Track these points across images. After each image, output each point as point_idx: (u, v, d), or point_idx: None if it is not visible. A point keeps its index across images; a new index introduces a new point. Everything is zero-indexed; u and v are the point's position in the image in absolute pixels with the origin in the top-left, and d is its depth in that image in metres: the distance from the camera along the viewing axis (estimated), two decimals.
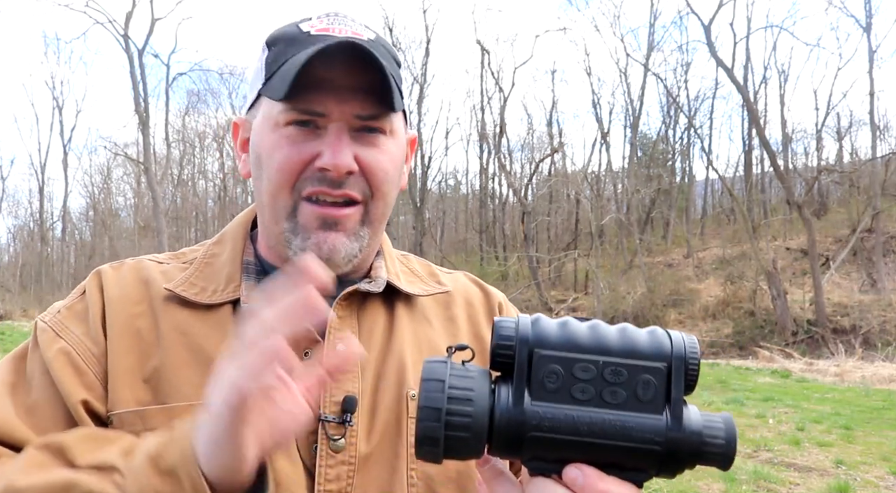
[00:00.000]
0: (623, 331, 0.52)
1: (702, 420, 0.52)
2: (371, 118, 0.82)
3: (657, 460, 0.50)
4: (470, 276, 1.06)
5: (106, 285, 0.86)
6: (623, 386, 0.50)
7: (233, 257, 0.89)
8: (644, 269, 22.35)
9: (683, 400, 0.51)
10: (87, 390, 0.79)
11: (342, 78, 0.80)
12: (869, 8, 23.07)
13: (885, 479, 5.96)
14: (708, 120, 31.01)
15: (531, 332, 0.52)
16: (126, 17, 26.03)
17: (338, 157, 0.80)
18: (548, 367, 0.51)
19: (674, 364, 0.51)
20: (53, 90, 42.66)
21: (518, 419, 0.50)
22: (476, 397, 0.50)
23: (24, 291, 37.14)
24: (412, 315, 0.92)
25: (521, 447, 0.51)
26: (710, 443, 0.51)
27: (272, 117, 0.82)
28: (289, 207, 0.83)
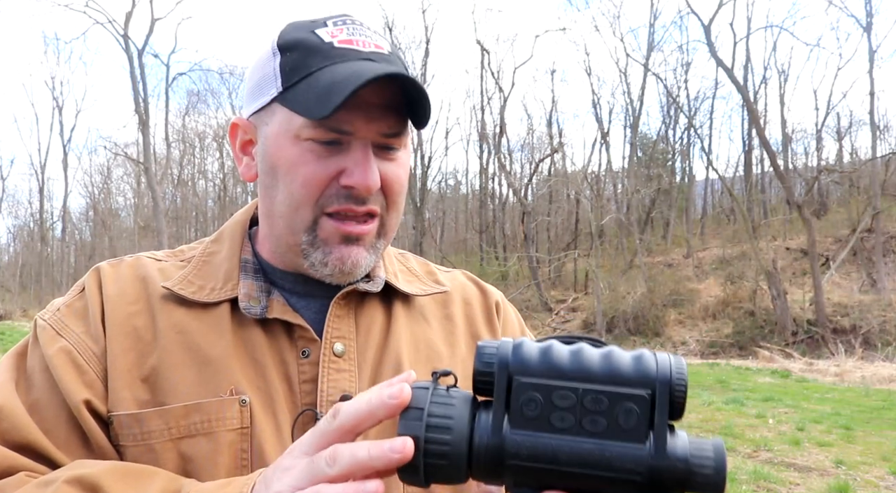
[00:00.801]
0: (608, 356, 0.51)
1: (689, 447, 0.50)
2: (394, 136, 0.83)
3: (639, 489, 0.49)
4: (468, 274, 1.06)
5: (104, 283, 0.86)
6: (604, 414, 0.49)
7: (230, 256, 0.89)
8: (644, 269, 22.34)
9: (670, 426, 0.50)
10: (89, 388, 0.78)
11: (372, 97, 0.79)
12: (869, 8, 23.01)
13: (885, 479, 5.96)
14: (708, 120, 31.00)
15: (511, 357, 0.51)
16: (126, 17, 26.05)
17: (368, 177, 0.80)
18: (527, 394, 0.50)
19: (658, 390, 0.49)
20: (53, 90, 42.77)
21: (496, 447, 0.50)
22: (455, 424, 0.51)
23: (24, 291, 37.16)
24: (410, 315, 0.92)
25: (501, 475, 0.51)
26: (696, 472, 0.49)
27: (292, 129, 0.81)
28: (308, 221, 0.83)
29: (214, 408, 0.79)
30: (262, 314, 0.84)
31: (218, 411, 0.79)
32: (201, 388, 0.80)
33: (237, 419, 0.79)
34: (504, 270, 26.16)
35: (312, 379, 0.82)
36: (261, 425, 0.79)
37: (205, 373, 0.80)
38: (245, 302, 0.84)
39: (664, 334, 19.01)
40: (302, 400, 0.82)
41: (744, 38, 24.93)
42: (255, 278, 0.88)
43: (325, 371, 0.82)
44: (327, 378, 0.82)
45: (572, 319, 22.06)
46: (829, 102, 31.86)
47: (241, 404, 0.79)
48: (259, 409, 0.80)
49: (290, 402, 0.81)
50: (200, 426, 0.78)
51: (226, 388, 0.80)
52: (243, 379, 0.81)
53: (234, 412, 0.79)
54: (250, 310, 0.84)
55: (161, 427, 0.78)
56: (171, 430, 0.78)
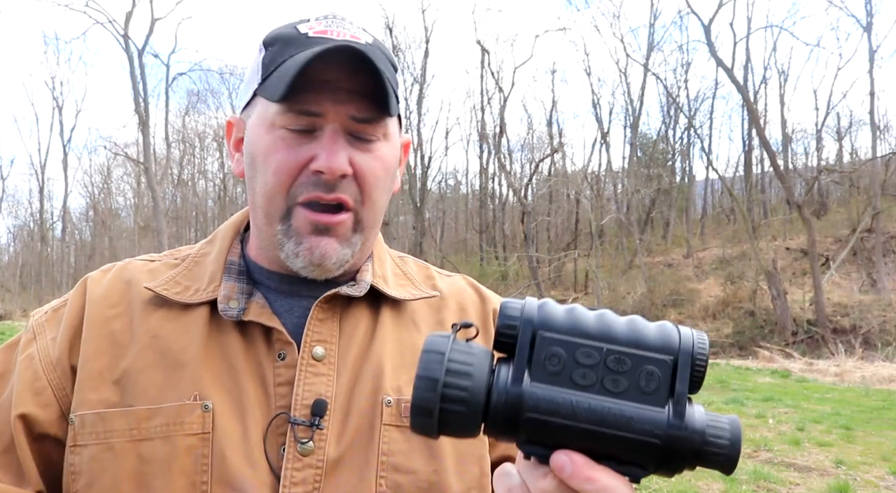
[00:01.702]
0: (631, 322, 0.51)
1: (706, 419, 0.50)
2: (366, 121, 0.82)
3: (656, 455, 0.49)
4: (469, 280, 1.04)
5: (90, 289, 0.88)
6: (626, 375, 0.49)
7: (218, 257, 0.89)
8: (644, 269, 22.34)
9: (688, 397, 0.50)
10: (35, 395, 0.81)
11: (339, 80, 0.80)
12: (869, 8, 22.99)
13: (885, 479, 5.96)
14: (708, 120, 31.03)
15: (537, 314, 0.51)
16: (126, 17, 26.04)
17: (333, 159, 0.79)
18: (550, 349, 0.50)
19: (680, 359, 0.49)
20: (53, 90, 42.76)
21: (515, 399, 0.49)
22: (475, 372, 0.49)
23: (24, 291, 37.15)
24: (398, 320, 0.91)
25: (516, 429, 0.50)
26: (712, 443, 0.49)
27: (268, 118, 0.82)
28: (283, 211, 0.83)
29: (174, 412, 0.78)
30: (238, 316, 0.83)
31: (177, 415, 0.78)
32: (167, 392, 0.80)
33: (198, 424, 0.78)
34: (504, 270, 26.17)
35: (288, 382, 0.81)
36: (224, 430, 0.78)
37: (173, 377, 0.80)
38: (223, 304, 0.84)
39: None
40: (276, 403, 0.81)
41: (744, 38, 24.97)
42: (238, 280, 0.87)
43: (301, 375, 0.81)
44: (304, 382, 0.81)
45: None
46: (829, 102, 31.92)
47: (204, 409, 0.78)
48: (225, 414, 0.79)
49: (263, 405, 0.80)
50: (160, 429, 0.78)
51: (191, 393, 0.79)
52: (213, 383, 0.80)
53: (195, 417, 0.78)
54: (227, 312, 0.83)
55: (124, 427, 0.78)
56: (132, 431, 0.78)
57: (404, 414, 0.84)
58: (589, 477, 0.48)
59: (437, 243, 31.74)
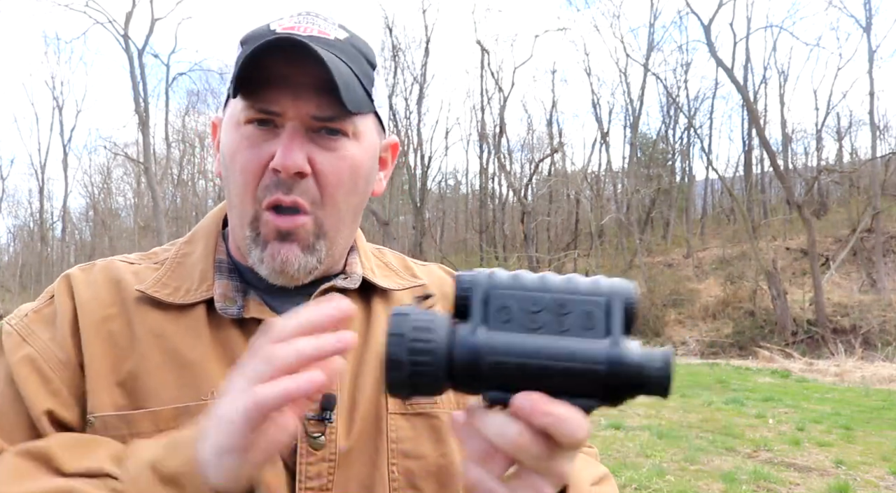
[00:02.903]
0: (569, 277, 0.59)
1: (641, 351, 0.57)
2: (329, 119, 0.79)
3: (601, 384, 0.55)
4: (445, 268, 1.05)
5: (76, 289, 0.84)
6: (568, 316, 0.56)
7: (205, 256, 0.88)
8: (644, 269, 22.34)
9: (622, 331, 0.57)
10: (53, 396, 0.77)
11: (299, 76, 0.77)
12: (869, 8, 22.99)
13: (885, 479, 5.96)
14: (708, 120, 31.00)
15: (487, 278, 0.58)
16: (126, 17, 26.04)
17: (287, 157, 0.77)
18: (501, 302, 0.56)
19: (612, 299, 0.57)
20: (53, 90, 42.75)
21: (475, 347, 0.55)
22: (437, 327, 0.56)
23: (24, 291, 37.13)
24: (389, 310, 0.91)
25: (479, 377, 0.55)
26: (647, 367, 0.56)
27: (234, 116, 0.81)
28: (251, 215, 0.81)
29: (199, 411, 0.77)
30: (238, 314, 0.82)
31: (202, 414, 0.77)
32: (182, 392, 0.79)
33: None
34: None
35: None
36: None
37: (184, 376, 0.79)
38: (221, 303, 0.83)
39: (664, 333, 19.00)
40: None
41: (744, 38, 24.96)
42: (231, 278, 0.86)
43: None
44: None
45: None
46: (829, 102, 31.89)
47: None
48: None
49: None
50: None
51: (206, 391, 0.78)
52: (223, 381, 0.80)
53: None
54: (226, 310, 0.82)
55: (151, 429, 0.77)
56: (160, 432, 0.77)
57: (408, 402, 0.85)
58: (547, 411, 0.53)
59: (436, 243, 31.75)
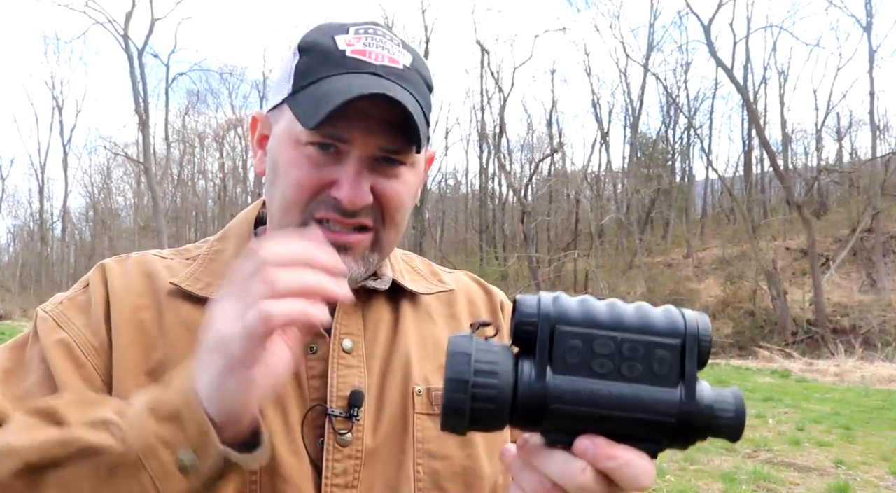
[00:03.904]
0: (639, 308, 0.55)
1: (713, 394, 0.54)
2: (394, 152, 0.82)
3: (671, 431, 0.53)
4: (471, 275, 1.07)
5: (110, 278, 0.86)
6: (640, 361, 0.53)
7: (237, 253, 0.90)
8: (644, 269, 22.34)
9: (696, 376, 0.54)
10: (85, 382, 0.79)
11: (372, 109, 0.79)
12: (869, 8, 23.00)
13: (885, 479, 5.96)
14: (708, 120, 31.03)
15: (553, 309, 0.54)
16: (126, 17, 26.06)
17: (355, 192, 0.79)
18: (569, 342, 0.53)
19: (688, 341, 0.53)
20: (53, 90, 42.79)
21: (541, 392, 0.52)
22: (501, 370, 0.53)
23: (24, 291, 37.14)
24: (416, 313, 0.93)
25: (542, 420, 0.53)
26: (720, 416, 0.53)
27: (294, 133, 0.82)
28: (296, 225, 0.83)
29: None
30: None
31: None
32: None
33: None
34: (504, 270, 26.16)
35: (321, 375, 0.83)
36: (270, 421, 0.79)
37: None
38: None
39: None
40: (311, 396, 0.82)
41: (744, 38, 24.99)
42: None
43: (334, 366, 0.83)
44: (336, 373, 0.83)
45: None
46: (829, 102, 31.88)
47: None
48: (268, 405, 0.80)
49: (298, 398, 0.82)
50: None
51: None
52: None
53: None
54: None
55: None
56: None
57: (434, 403, 0.87)
58: (611, 455, 0.52)
59: (436, 243, 31.74)
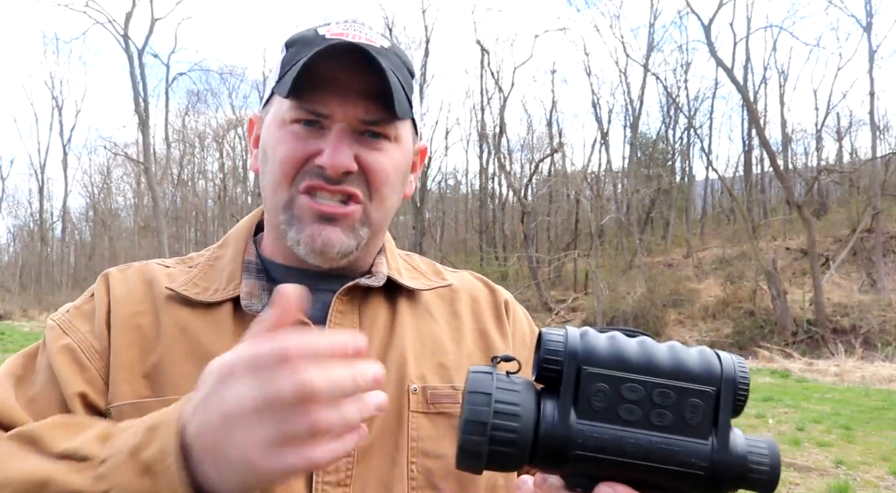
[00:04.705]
0: (672, 350, 0.51)
1: (746, 445, 0.51)
2: (374, 123, 0.84)
3: (701, 483, 0.50)
4: (476, 274, 1.07)
5: (112, 286, 0.89)
6: (670, 409, 0.49)
7: (234, 258, 0.92)
8: (644, 269, 22.34)
9: (730, 424, 0.51)
10: (88, 384, 0.81)
11: (349, 81, 0.82)
12: (869, 8, 22.98)
13: (885, 479, 5.96)
14: (708, 120, 31.01)
15: (580, 347, 0.51)
16: (126, 17, 26.04)
17: (335, 156, 0.82)
18: (595, 385, 0.50)
19: (723, 388, 0.50)
20: (53, 90, 42.63)
21: (563, 437, 0.50)
22: (522, 412, 0.50)
23: (24, 291, 37.13)
24: (414, 310, 0.94)
25: (563, 464, 0.50)
26: (754, 469, 0.51)
27: (280, 115, 0.85)
28: (286, 199, 0.85)
29: None
30: (263, 311, 0.84)
31: None
32: None
33: None
34: (504, 270, 26.15)
35: None
36: None
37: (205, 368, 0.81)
38: (247, 300, 0.86)
39: (664, 334, 18.99)
40: None
41: (744, 38, 24.96)
42: (258, 278, 0.90)
43: None
44: None
45: (572, 319, 22.05)
46: (829, 102, 31.88)
47: None
48: None
49: None
50: None
51: None
52: None
53: None
54: (252, 307, 0.85)
55: None
56: None
57: (430, 401, 0.87)
58: None
59: (436, 243, 31.74)
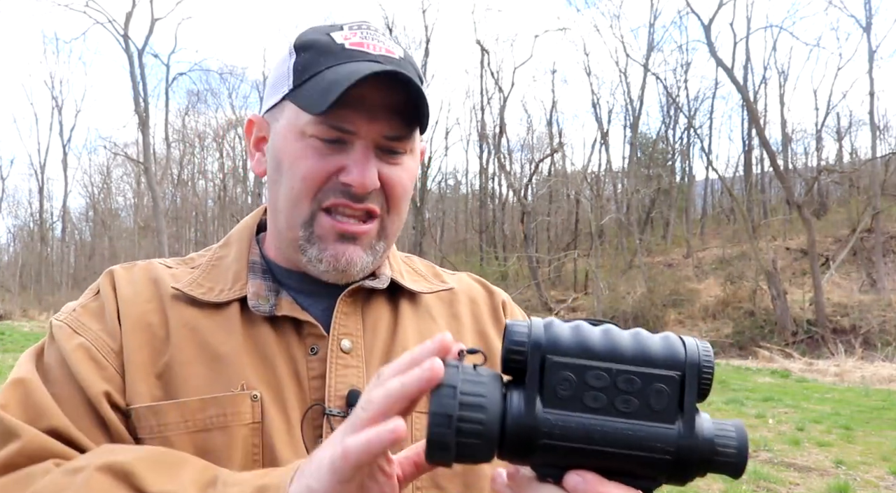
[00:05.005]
0: (636, 336, 0.52)
1: (714, 429, 0.51)
2: (397, 139, 0.85)
3: (668, 468, 0.50)
4: (473, 276, 1.08)
5: (118, 284, 0.88)
6: (636, 395, 0.50)
7: (239, 258, 0.92)
8: (644, 269, 22.34)
9: (696, 408, 0.51)
10: (108, 383, 0.80)
11: (375, 97, 0.82)
12: (869, 8, 22.99)
13: (885, 479, 5.96)
14: (708, 120, 31.01)
15: (544, 337, 0.51)
16: (126, 17, 26.03)
17: (365, 175, 0.82)
18: (560, 374, 0.50)
19: (687, 373, 0.50)
20: (53, 90, 42.49)
21: (530, 427, 0.50)
22: (488, 403, 0.50)
23: (24, 291, 37.12)
24: (416, 312, 0.94)
25: (531, 454, 0.51)
26: (721, 452, 0.51)
27: (298, 126, 0.84)
28: (306, 216, 0.85)
29: (230, 402, 0.80)
30: (270, 312, 0.85)
31: (233, 405, 0.80)
32: (212, 383, 0.81)
33: (249, 414, 0.80)
34: (504, 270, 26.15)
35: (321, 375, 0.84)
36: (272, 420, 0.80)
37: (215, 369, 0.82)
38: (254, 301, 0.86)
39: None
40: (311, 396, 0.83)
41: (744, 38, 24.97)
42: (264, 278, 0.90)
43: (332, 367, 0.84)
44: (335, 374, 0.84)
45: (572, 319, 22.02)
46: (829, 102, 31.94)
47: (253, 399, 0.81)
48: (270, 404, 0.81)
49: (299, 398, 0.83)
50: (216, 420, 0.79)
51: (237, 383, 0.81)
52: (253, 375, 0.82)
53: (246, 406, 0.80)
54: (259, 308, 0.85)
55: (178, 420, 0.79)
56: (187, 423, 0.79)
57: None
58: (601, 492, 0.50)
59: (436, 243, 31.75)
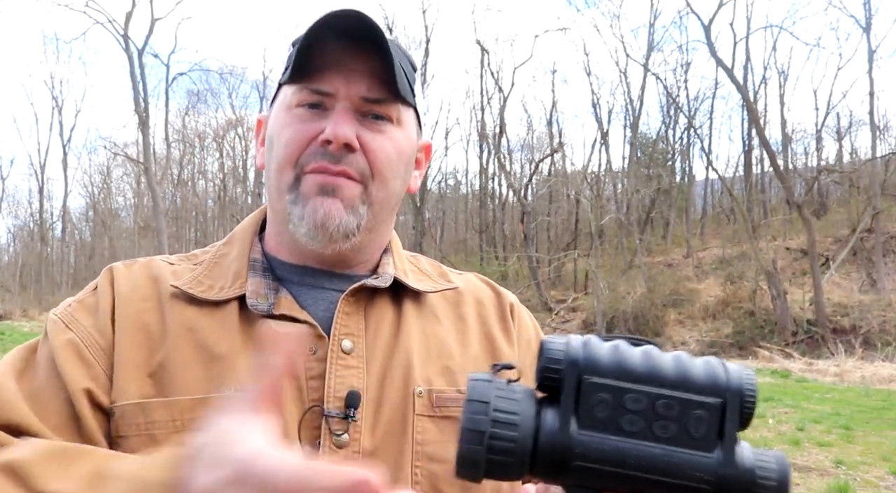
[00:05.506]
0: (677, 360, 0.50)
1: (753, 458, 0.50)
2: (377, 102, 0.85)
3: None
4: (480, 276, 1.06)
5: (117, 281, 0.87)
6: (674, 420, 0.48)
7: (240, 256, 0.91)
8: (644, 269, 22.33)
9: (736, 437, 0.50)
10: (92, 380, 0.79)
11: (351, 60, 0.83)
12: (869, 8, 22.97)
13: (885, 479, 5.96)
14: (708, 120, 30.95)
15: (581, 356, 0.50)
16: (126, 17, 26.02)
17: (338, 128, 0.82)
18: (597, 395, 0.49)
19: (729, 400, 0.49)
20: (53, 90, 42.48)
21: (563, 447, 0.48)
22: (521, 421, 0.49)
23: (24, 291, 37.12)
24: (420, 312, 0.93)
25: (564, 475, 0.50)
26: (761, 484, 0.49)
27: (285, 100, 0.87)
28: (290, 180, 0.86)
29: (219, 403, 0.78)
30: (269, 311, 0.85)
31: None
32: (207, 384, 0.80)
33: None
34: (504, 270, 26.14)
35: (320, 375, 0.83)
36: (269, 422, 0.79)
37: (211, 369, 0.81)
38: (252, 299, 0.85)
39: (664, 334, 18.99)
40: (309, 397, 0.82)
41: (744, 38, 24.93)
42: (264, 277, 0.89)
43: (332, 367, 0.83)
44: (334, 375, 0.83)
45: (572, 319, 22.06)
46: (829, 102, 31.88)
47: None
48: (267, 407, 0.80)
49: (297, 399, 0.82)
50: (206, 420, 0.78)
51: (231, 384, 0.80)
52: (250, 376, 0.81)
53: None
54: (257, 307, 0.85)
55: (166, 418, 0.78)
56: (175, 422, 0.78)
57: (436, 404, 0.86)
58: None
59: (436, 243, 31.75)
